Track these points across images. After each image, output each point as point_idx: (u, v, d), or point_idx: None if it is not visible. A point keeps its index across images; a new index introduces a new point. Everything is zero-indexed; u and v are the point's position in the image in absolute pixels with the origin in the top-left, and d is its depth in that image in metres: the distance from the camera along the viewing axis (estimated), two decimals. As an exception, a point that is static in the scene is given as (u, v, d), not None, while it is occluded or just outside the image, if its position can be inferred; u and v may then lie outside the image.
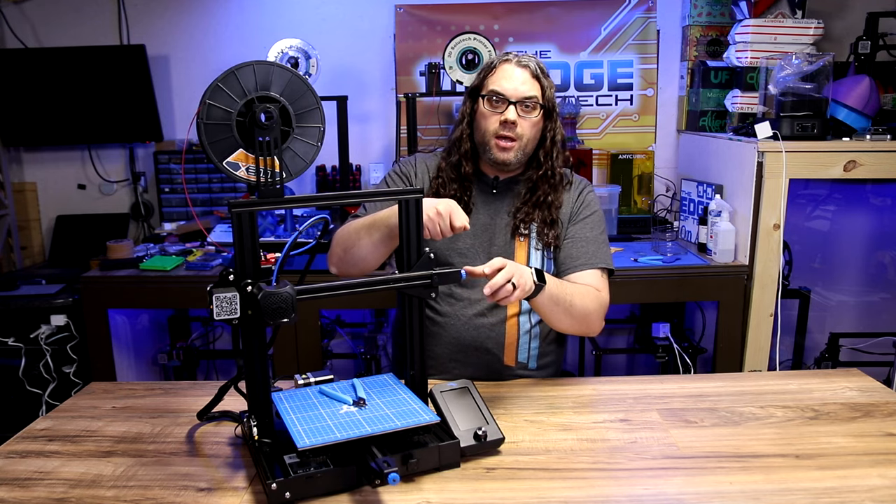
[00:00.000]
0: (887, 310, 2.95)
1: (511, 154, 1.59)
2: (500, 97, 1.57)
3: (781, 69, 2.33)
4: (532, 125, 1.59)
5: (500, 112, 1.57)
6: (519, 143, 1.59)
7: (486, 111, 1.59)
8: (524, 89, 1.57)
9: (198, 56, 3.02)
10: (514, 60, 1.59)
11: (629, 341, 3.10)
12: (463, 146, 1.65)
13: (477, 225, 1.66)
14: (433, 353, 1.67)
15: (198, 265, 2.46)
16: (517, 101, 1.56)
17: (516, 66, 1.59)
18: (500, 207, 1.67)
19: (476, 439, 1.22)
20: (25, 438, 1.34)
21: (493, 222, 1.66)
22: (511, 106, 1.56)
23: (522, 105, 1.57)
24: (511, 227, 1.65)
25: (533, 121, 1.59)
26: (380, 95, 3.04)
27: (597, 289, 1.59)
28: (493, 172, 1.68)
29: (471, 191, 1.66)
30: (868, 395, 1.47)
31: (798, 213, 2.95)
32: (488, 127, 1.59)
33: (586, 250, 1.63)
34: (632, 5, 2.91)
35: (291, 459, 1.12)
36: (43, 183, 3.14)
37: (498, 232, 1.66)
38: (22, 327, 2.52)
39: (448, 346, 1.65)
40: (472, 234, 1.65)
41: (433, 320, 1.66)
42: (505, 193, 1.68)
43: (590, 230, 1.66)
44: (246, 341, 1.18)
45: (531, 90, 1.57)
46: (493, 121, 1.58)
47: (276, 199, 1.16)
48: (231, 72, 1.14)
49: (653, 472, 1.18)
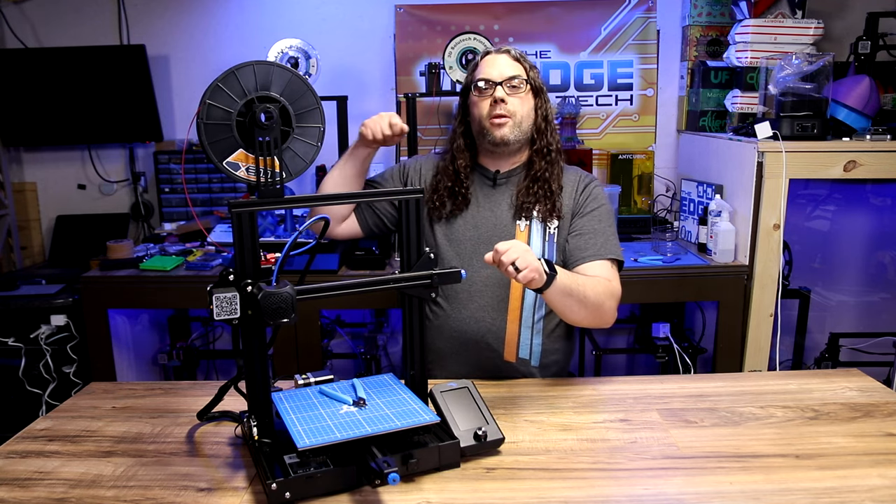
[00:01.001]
0: (887, 310, 2.95)
1: (507, 129, 1.64)
2: (487, 82, 1.64)
3: (781, 69, 2.33)
4: (521, 101, 1.65)
5: (489, 95, 1.64)
6: (513, 119, 1.64)
7: (477, 98, 1.66)
8: (507, 70, 1.64)
9: (198, 56, 3.02)
10: (494, 51, 1.69)
11: (629, 341, 3.10)
12: (457, 141, 1.72)
13: (477, 217, 1.69)
14: (434, 347, 1.68)
15: (198, 265, 2.46)
16: (502, 82, 1.63)
17: (496, 54, 1.68)
18: (501, 201, 1.69)
19: (476, 439, 1.22)
20: (25, 438, 1.34)
21: (493, 215, 1.68)
22: (498, 86, 1.63)
23: (508, 84, 1.63)
24: (512, 214, 1.67)
25: (521, 97, 1.65)
26: (380, 95, 3.04)
27: (608, 279, 1.59)
28: (493, 165, 1.71)
29: (468, 183, 1.70)
30: (868, 395, 1.47)
31: (798, 213, 2.95)
32: (481, 112, 1.65)
33: (595, 241, 1.64)
34: (632, 5, 2.91)
35: (291, 459, 1.12)
36: (43, 183, 3.14)
37: (498, 223, 1.68)
38: (22, 327, 2.52)
39: (449, 340, 1.67)
40: (474, 227, 1.68)
41: (435, 314, 1.69)
42: (506, 187, 1.70)
43: (598, 222, 1.67)
44: (246, 341, 1.18)
45: (514, 70, 1.65)
46: (483, 105, 1.65)
47: (276, 199, 1.16)
48: (231, 72, 1.14)
49: (653, 472, 1.18)
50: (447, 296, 1.67)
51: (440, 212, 1.69)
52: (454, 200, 1.69)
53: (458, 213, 1.69)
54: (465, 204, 1.69)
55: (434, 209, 1.70)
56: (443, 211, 1.69)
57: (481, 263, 1.62)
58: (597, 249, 1.63)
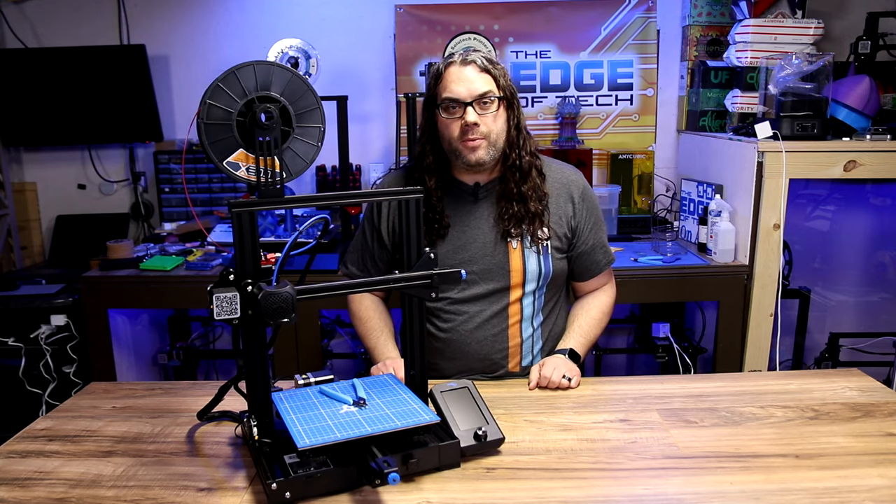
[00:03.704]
0: (887, 310, 2.95)
1: (482, 152, 1.53)
2: (455, 101, 1.51)
3: (781, 69, 2.33)
4: (494, 118, 1.53)
5: (458, 116, 1.52)
6: (487, 140, 1.53)
7: (446, 119, 1.54)
8: (476, 87, 1.51)
9: (198, 56, 3.02)
10: (459, 60, 1.54)
11: (629, 341, 3.10)
12: (425, 160, 1.60)
13: (462, 238, 1.61)
14: (437, 367, 1.66)
15: (198, 265, 2.46)
16: (473, 101, 1.51)
17: (462, 66, 1.53)
18: (482, 215, 1.61)
19: (476, 439, 1.22)
20: (25, 438, 1.34)
21: (481, 234, 1.61)
22: (468, 107, 1.51)
23: (479, 104, 1.51)
24: (498, 233, 1.60)
25: (493, 115, 1.53)
26: (380, 95, 3.04)
27: (607, 287, 1.75)
28: (471, 179, 1.62)
29: (441, 206, 1.60)
30: (868, 395, 1.47)
31: (798, 213, 2.95)
32: (452, 135, 1.54)
33: (597, 258, 1.70)
34: (632, 5, 2.91)
35: (291, 459, 1.12)
36: (43, 183, 3.14)
37: (486, 242, 1.60)
38: (22, 327, 2.52)
39: (452, 360, 1.65)
40: (461, 249, 1.60)
41: (436, 336, 1.65)
42: (487, 200, 1.62)
43: (599, 231, 1.70)
44: (246, 341, 1.18)
45: (483, 85, 1.51)
46: (454, 128, 1.53)
47: (276, 199, 1.16)
48: (231, 72, 1.14)
49: (653, 472, 1.18)
50: (445, 319, 1.63)
51: None
52: (430, 227, 1.58)
53: (438, 241, 1.60)
54: (443, 229, 1.59)
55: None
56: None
57: (475, 283, 1.61)
58: (600, 266, 1.71)
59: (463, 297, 1.62)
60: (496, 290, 1.61)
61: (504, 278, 1.60)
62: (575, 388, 1.53)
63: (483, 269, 1.60)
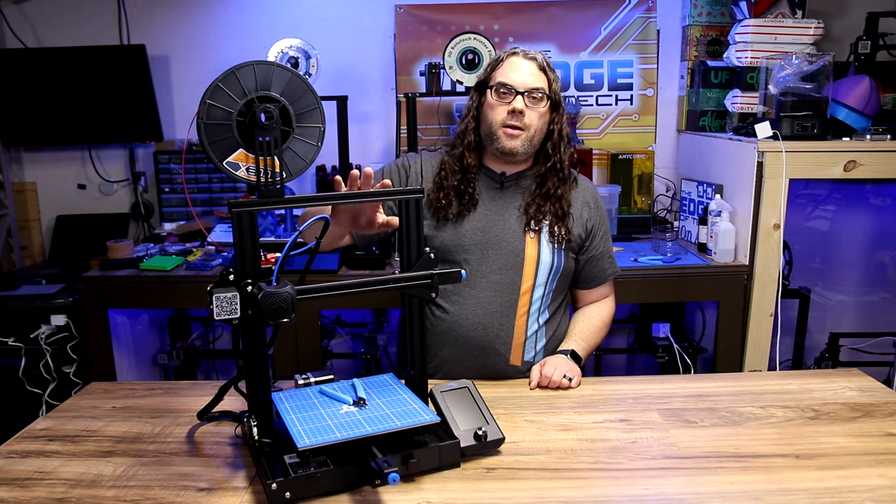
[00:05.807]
0: (887, 310, 2.95)
1: (518, 142, 1.59)
2: (508, 88, 1.58)
3: (781, 69, 2.33)
4: (539, 116, 1.60)
5: (507, 102, 1.58)
6: (526, 132, 1.59)
7: (494, 102, 1.60)
8: (531, 80, 1.58)
9: (198, 56, 3.02)
10: (522, 54, 1.62)
11: (629, 341, 3.10)
12: (467, 138, 1.65)
13: (484, 220, 1.65)
14: (439, 351, 1.66)
15: (198, 265, 2.46)
16: (524, 92, 1.57)
17: (523, 58, 1.61)
18: (507, 203, 1.66)
19: (476, 439, 1.22)
20: (25, 438, 1.34)
21: (502, 220, 1.65)
22: (518, 96, 1.57)
23: (529, 96, 1.58)
24: (522, 223, 1.65)
25: (540, 111, 1.60)
26: (380, 95, 3.04)
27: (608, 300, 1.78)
28: (499, 167, 1.68)
29: (475, 183, 1.65)
30: (868, 395, 1.47)
31: (798, 213, 2.95)
32: (496, 117, 1.60)
33: (603, 267, 1.73)
34: (632, 5, 2.91)
35: (291, 459, 1.12)
36: (43, 183, 3.14)
37: (507, 228, 1.65)
38: (22, 327, 2.52)
39: (455, 345, 1.65)
40: (481, 230, 1.64)
41: (441, 319, 1.65)
42: (512, 189, 1.68)
43: (606, 242, 1.74)
44: (246, 341, 1.18)
45: (538, 82, 1.59)
46: (500, 111, 1.59)
47: (276, 199, 1.16)
48: (231, 72, 1.14)
49: (653, 472, 1.18)
50: (454, 301, 1.64)
51: (446, 211, 1.63)
52: (461, 200, 1.64)
53: (465, 214, 1.64)
54: (472, 205, 1.64)
55: (440, 208, 1.63)
56: (449, 211, 1.63)
57: (490, 268, 1.63)
58: (605, 276, 1.74)
59: (474, 282, 1.63)
60: (508, 278, 1.63)
61: (518, 266, 1.63)
62: (575, 387, 1.53)
63: (499, 254, 1.63)
